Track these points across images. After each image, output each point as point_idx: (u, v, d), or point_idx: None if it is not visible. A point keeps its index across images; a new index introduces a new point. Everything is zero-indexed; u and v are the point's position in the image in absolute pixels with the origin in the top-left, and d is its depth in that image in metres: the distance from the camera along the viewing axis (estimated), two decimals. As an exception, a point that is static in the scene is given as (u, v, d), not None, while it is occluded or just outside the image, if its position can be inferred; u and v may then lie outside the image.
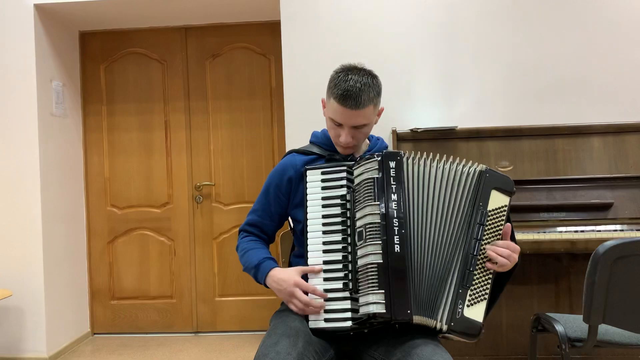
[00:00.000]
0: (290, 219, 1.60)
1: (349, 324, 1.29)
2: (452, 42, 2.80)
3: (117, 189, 3.49)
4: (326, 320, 1.31)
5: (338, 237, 1.35)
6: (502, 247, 1.29)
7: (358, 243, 1.30)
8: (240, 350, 3.08)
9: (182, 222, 3.46)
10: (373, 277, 1.24)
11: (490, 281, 1.30)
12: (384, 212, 1.28)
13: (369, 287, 1.24)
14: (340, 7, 2.84)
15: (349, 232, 1.35)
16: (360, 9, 2.84)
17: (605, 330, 1.72)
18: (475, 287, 1.27)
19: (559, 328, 1.73)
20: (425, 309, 1.26)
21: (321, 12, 2.85)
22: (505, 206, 1.33)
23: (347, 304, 1.30)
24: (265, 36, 3.41)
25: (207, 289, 3.44)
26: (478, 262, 1.29)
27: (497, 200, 1.32)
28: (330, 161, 1.54)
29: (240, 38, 3.43)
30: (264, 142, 3.42)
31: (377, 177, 1.31)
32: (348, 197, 1.37)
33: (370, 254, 1.26)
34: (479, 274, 1.29)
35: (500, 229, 1.32)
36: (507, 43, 2.77)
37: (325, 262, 1.35)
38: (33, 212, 2.95)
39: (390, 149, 2.21)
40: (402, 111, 2.80)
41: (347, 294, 1.31)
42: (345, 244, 1.34)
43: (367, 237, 1.27)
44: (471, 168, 1.35)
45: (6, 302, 2.96)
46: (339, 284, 1.32)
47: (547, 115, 2.74)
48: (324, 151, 1.57)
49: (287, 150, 2.21)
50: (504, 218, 1.32)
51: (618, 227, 2.25)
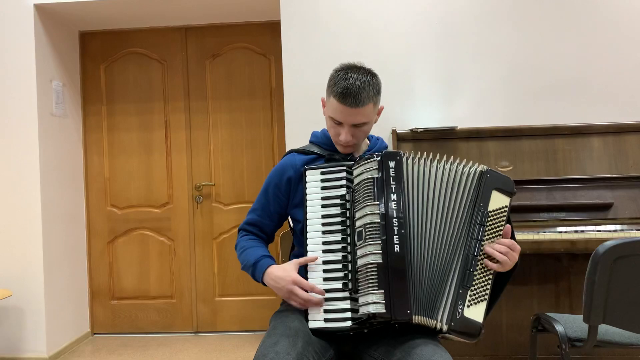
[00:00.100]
0: (290, 218, 1.60)
1: (348, 324, 1.28)
2: (452, 42, 2.80)
3: (117, 189, 3.49)
4: (326, 320, 1.31)
5: (338, 237, 1.35)
6: (500, 243, 1.30)
7: (358, 243, 1.30)
8: (240, 350, 3.08)
9: (182, 222, 3.46)
10: (373, 277, 1.24)
11: (490, 281, 1.30)
12: (383, 212, 1.28)
13: (368, 287, 1.24)
14: (340, 7, 2.84)
15: (348, 232, 1.35)
16: (361, 9, 2.84)
17: (605, 330, 1.72)
18: (476, 287, 1.27)
19: (559, 328, 1.73)
20: (425, 309, 1.26)
21: (321, 12, 2.85)
22: (506, 207, 1.33)
23: (346, 304, 1.30)
24: (265, 36, 3.41)
25: (207, 289, 3.44)
26: (478, 263, 1.29)
27: (498, 201, 1.32)
28: (330, 161, 1.53)
29: (240, 38, 3.43)
30: (264, 142, 3.42)
31: (376, 177, 1.31)
32: (348, 197, 1.37)
33: (369, 254, 1.26)
34: (479, 274, 1.29)
35: (501, 230, 1.32)
36: (507, 43, 2.77)
37: (325, 262, 1.35)
38: (33, 212, 2.95)
39: (390, 149, 2.21)
40: (402, 111, 2.80)
41: (346, 294, 1.31)
42: (345, 244, 1.34)
43: (367, 237, 1.27)
44: (472, 168, 1.35)
45: (6, 302, 2.96)
46: (338, 284, 1.32)
47: (547, 115, 2.73)
48: (323, 151, 1.57)
49: (287, 150, 2.21)
50: (504, 218, 1.32)
51: (618, 227, 2.25)
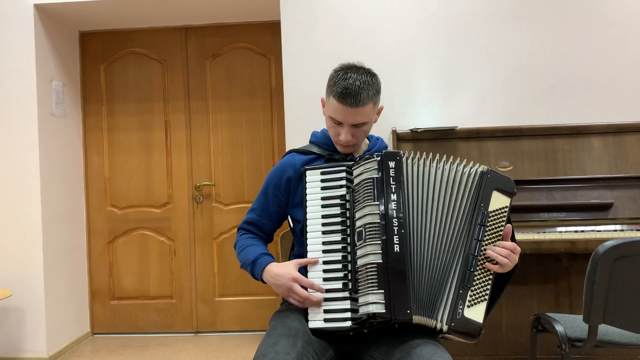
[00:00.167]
0: (289, 218, 1.60)
1: (348, 324, 1.28)
2: (452, 42, 2.80)
3: (117, 189, 3.49)
4: (326, 320, 1.31)
5: (337, 237, 1.35)
6: (502, 247, 1.30)
7: (357, 243, 1.30)
8: (240, 350, 3.08)
9: (182, 222, 3.46)
10: (373, 277, 1.24)
11: (490, 282, 1.30)
12: (383, 212, 1.27)
13: (368, 287, 1.24)
14: (340, 7, 2.84)
15: (348, 232, 1.35)
16: (361, 9, 2.84)
17: (605, 330, 1.72)
18: (476, 287, 1.27)
19: (559, 328, 1.73)
20: (425, 309, 1.26)
21: (321, 12, 2.85)
22: (506, 207, 1.33)
23: (346, 304, 1.30)
24: (265, 36, 3.41)
25: (207, 289, 3.44)
26: (479, 263, 1.29)
27: (498, 201, 1.32)
28: (330, 161, 1.53)
29: (240, 38, 3.43)
30: (264, 142, 3.42)
31: (376, 177, 1.31)
32: (347, 197, 1.37)
33: (369, 254, 1.26)
34: (479, 274, 1.29)
35: (501, 230, 1.32)
36: (507, 43, 2.77)
37: (325, 262, 1.35)
38: (33, 212, 2.95)
39: (390, 149, 2.21)
40: (402, 111, 2.80)
41: (346, 293, 1.30)
42: (345, 244, 1.34)
43: (367, 237, 1.27)
44: (472, 169, 1.35)
45: (6, 302, 2.96)
46: (338, 284, 1.32)
47: (547, 115, 2.73)
48: (323, 151, 1.57)
49: (287, 150, 2.21)
50: (504, 219, 1.32)
51: (618, 227, 2.25)
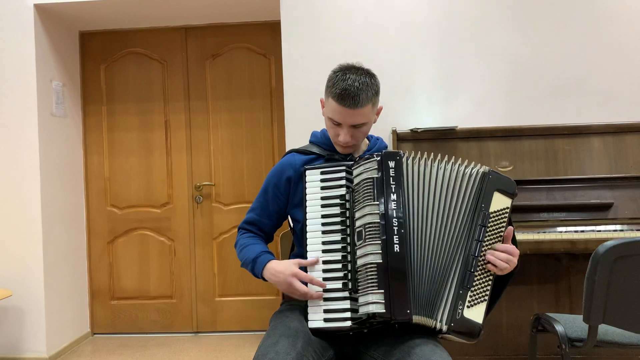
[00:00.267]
0: (289, 218, 1.60)
1: (348, 323, 1.28)
2: (452, 42, 2.80)
3: (117, 189, 3.49)
4: (325, 320, 1.30)
5: (337, 237, 1.35)
6: (502, 251, 1.29)
7: (357, 243, 1.30)
8: (240, 350, 3.08)
9: (182, 222, 3.45)
10: (372, 277, 1.24)
11: (490, 282, 1.30)
12: (383, 212, 1.27)
13: (368, 287, 1.24)
14: (340, 7, 2.84)
15: (348, 232, 1.35)
16: (361, 9, 2.83)
17: (605, 330, 1.72)
18: (476, 288, 1.27)
19: (559, 328, 1.73)
20: (425, 309, 1.26)
21: (321, 12, 2.85)
22: (507, 208, 1.33)
23: (346, 304, 1.30)
24: (265, 36, 3.41)
25: (207, 289, 3.44)
26: (479, 264, 1.29)
27: (500, 202, 1.32)
28: (330, 161, 1.54)
29: (240, 38, 3.43)
30: (264, 142, 3.42)
31: (376, 177, 1.31)
32: (347, 197, 1.37)
33: (369, 254, 1.26)
34: (479, 275, 1.28)
35: (502, 231, 1.32)
36: (507, 43, 2.77)
37: (325, 261, 1.35)
38: (33, 212, 2.95)
39: (390, 149, 2.21)
40: (402, 111, 2.80)
41: (346, 293, 1.30)
42: (345, 244, 1.34)
43: (367, 237, 1.27)
44: (474, 169, 1.34)
45: (6, 302, 2.96)
46: (338, 284, 1.32)
47: (547, 115, 2.73)
48: (323, 151, 1.57)
49: (287, 150, 2.21)
50: (505, 220, 1.32)
51: (618, 227, 2.25)
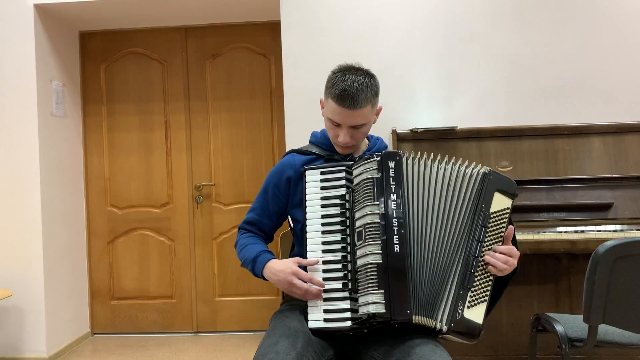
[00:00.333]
0: (289, 218, 1.60)
1: (348, 324, 1.28)
2: (452, 42, 2.80)
3: (117, 189, 3.49)
4: (325, 320, 1.30)
5: (337, 237, 1.35)
6: (501, 252, 1.29)
7: (357, 243, 1.30)
8: (240, 350, 3.08)
9: (182, 222, 3.45)
10: (372, 277, 1.24)
11: (490, 283, 1.30)
12: (383, 212, 1.27)
13: (368, 287, 1.24)
14: (341, 7, 2.84)
15: (348, 232, 1.35)
16: (361, 9, 2.83)
17: (605, 330, 1.72)
18: (476, 288, 1.27)
19: (559, 328, 1.73)
20: (425, 309, 1.26)
21: (321, 12, 2.85)
22: (508, 208, 1.32)
23: (346, 304, 1.30)
24: (265, 36, 3.41)
25: (207, 289, 3.44)
26: (479, 264, 1.28)
27: (500, 203, 1.32)
28: (330, 161, 1.54)
29: (240, 38, 3.43)
30: (264, 142, 3.42)
31: (376, 177, 1.31)
32: (347, 197, 1.37)
33: (369, 254, 1.26)
34: (480, 275, 1.28)
35: (502, 231, 1.32)
36: (507, 43, 2.77)
37: (325, 262, 1.35)
38: (33, 212, 2.95)
39: (390, 149, 2.21)
40: (402, 111, 2.80)
41: (346, 294, 1.30)
42: (345, 244, 1.34)
43: (367, 237, 1.27)
44: (474, 170, 1.34)
45: (6, 302, 2.96)
46: (338, 284, 1.32)
47: (547, 115, 2.73)
48: (323, 151, 1.57)
49: (287, 150, 2.21)
50: (506, 220, 1.32)
51: (618, 227, 2.25)
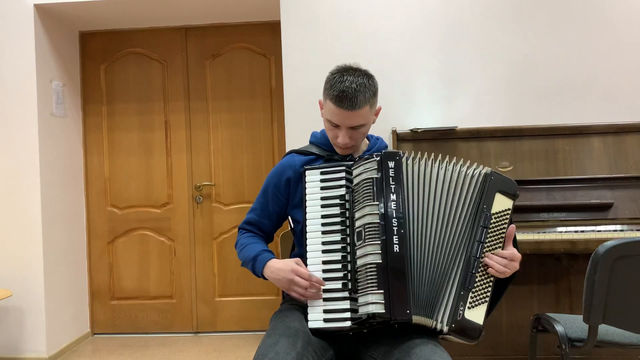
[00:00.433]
0: (290, 219, 1.60)
1: (348, 324, 1.28)
2: (452, 42, 2.80)
3: (117, 189, 3.49)
4: (325, 320, 1.30)
5: (337, 237, 1.35)
6: (503, 257, 1.29)
7: (357, 243, 1.30)
8: (240, 350, 3.08)
9: (182, 222, 3.45)
10: (372, 277, 1.24)
11: (491, 284, 1.30)
12: (383, 212, 1.27)
13: (368, 287, 1.24)
14: (340, 7, 2.84)
15: (348, 232, 1.35)
16: (360, 9, 2.83)
17: (605, 330, 1.72)
18: (477, 289, 1.27)
19: (559, 328, 1.73)
20: (425, 309, 1.26)
21: (321, 12, 2.85)
22: (509, 209, 1.32)
23: (346, 304, 1.30)
24: (265, 36, 3.41)
25: (207, 289, 3.44)
26: (480, 265, 1.28)
27: (501, 203, 1.32)
28: (329, 161, 1.53)
29: (240, 38, 3.43)
30: (264, 142, 3.42)
31: (376, 177, 1.31)
32: (347, 197, 1.37)
33: (369, 254, 1.26)
34: (480, 276, 1.28)
35: (503, 232, 1.32)
36: (508, 43, 2.77)
37: (325, 262, 1.35)
38: (33, 212, 2.95)
39: (390, 148, 2.21)
40: (402, 111, 2.80)
41: (346, 294, 1.30)
42: (345, 244, 1.34)
43: (366, 237, 1.27)
44: (475, 170, 1.34)
45: (6, 302, 2.96)
46: (338, 284, 1.32)
47: (547, 115, 2.73)
48: (323, 151, 1.57)
49: (287, 150, 2.21)
50: (507, 221, 1.32)
51: (618, 227, 2.25)
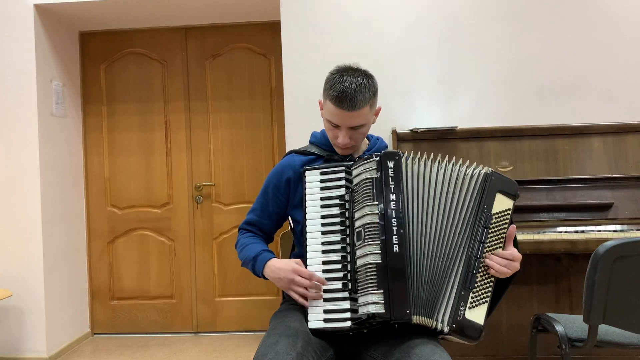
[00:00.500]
0: (290, 219, 1.60)
1: (348, 324, 1.28)
2: (452, 42, 2.80)
3: (117, 189, 3.49)
4: (325, 320, 1.30)
5: (337, 237, 1.35)
6: (504, 257, 1.29)
7: (357, 243, 1.30)
8: (240, 350, 3.08)
9: (182, 222, 3.45)
10: (372, 277, 1.24)
11: (492, 284, 1.30)
12: (382, 212, 1.27)
13: (368, 287, 1.24)
14: (340, 7, 2.84)
15: (347, 232, 1.35)
16: (360, 9, 2.83)
17: (605, 330, 1.72)
18: (478, 289, 1.27)
19: (559, 328, 1.73)
20: (425, 309, 1.26)
21: (321, 12, 2.85)
22: (510, 209, 1.32)
23: (346, 304, 1.30)
24: (265, 36, 3.41)
25: (207, 289, 3.44)
26: (481, 265, 1.28)
27: (502, 204, 1.32)
28: (329, 161, 1.53)
29: (240, 38, 3.43)
30: (264, 142, 3.42)
31: (375, 177, 1.31)
32: (347, 197, 1.37)
33: (369, 254, 1.26)
34: (481, 276, 1.28)
35: (504, 233, 1.32)
36: (507, 43, 2.77)
37: (325, 262, 1.35)
38: (33, 212, 2.95)
39: (390, 148, 2.21)
40: (402, 111, 2.80)
41: (346, 294, 1.30)
42: (345, 244, 1.34)
43: (366, 237, 1.27)
44: (475, 170, 1.34)
45: (6, 302, 2.96)
46: (338, 284, 1.32)
47: (547, 115, 2.73)
48: (323, 152, 1.57)
49: (287, 150, 2.21)
50: (507, 221, 1.32)
51: (618, 227, 2.25)
